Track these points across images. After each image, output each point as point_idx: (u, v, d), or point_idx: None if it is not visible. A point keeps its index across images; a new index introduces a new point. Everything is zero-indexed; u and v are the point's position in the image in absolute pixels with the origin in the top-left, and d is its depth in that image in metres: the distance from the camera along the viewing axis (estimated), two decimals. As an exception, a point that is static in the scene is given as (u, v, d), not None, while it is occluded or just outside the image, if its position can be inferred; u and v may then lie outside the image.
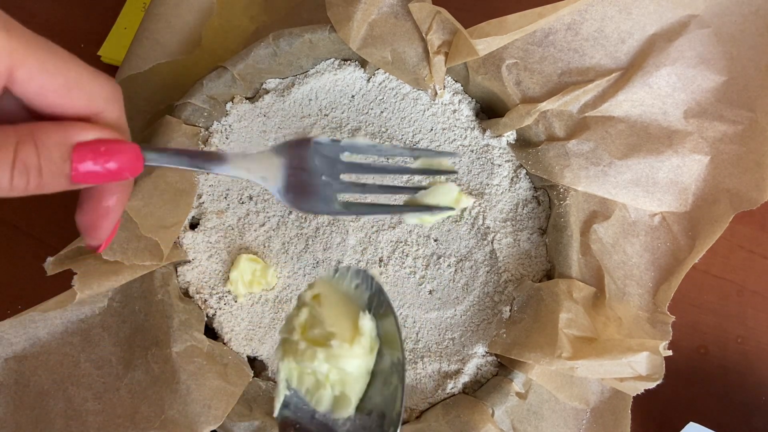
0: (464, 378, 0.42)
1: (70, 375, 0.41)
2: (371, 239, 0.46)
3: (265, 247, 0.46)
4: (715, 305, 0.47)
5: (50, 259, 0.40)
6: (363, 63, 0.48)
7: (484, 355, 0.43)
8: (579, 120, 0.45)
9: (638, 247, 0.44)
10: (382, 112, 0.48)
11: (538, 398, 0.41)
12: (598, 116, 0.45)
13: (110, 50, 0.57)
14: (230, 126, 0.48)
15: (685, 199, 0.44)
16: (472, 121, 0.48)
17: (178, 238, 0.45)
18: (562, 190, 0.44)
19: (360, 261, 0.45)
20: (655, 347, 0.38)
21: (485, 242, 0.45)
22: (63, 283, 0.39)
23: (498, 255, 0.45)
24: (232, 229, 0.47)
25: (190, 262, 0.45)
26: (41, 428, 0.40)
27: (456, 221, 0.46)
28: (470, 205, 0.33)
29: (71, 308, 0.42)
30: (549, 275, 0.44)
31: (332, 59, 0.49)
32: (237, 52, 0.47)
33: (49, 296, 0.40)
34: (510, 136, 0.47)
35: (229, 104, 0.49)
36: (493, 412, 0.40)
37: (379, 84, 0.48)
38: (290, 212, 0.47)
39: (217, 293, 0.45)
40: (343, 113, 0.49)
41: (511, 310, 0.43)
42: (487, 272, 0.45)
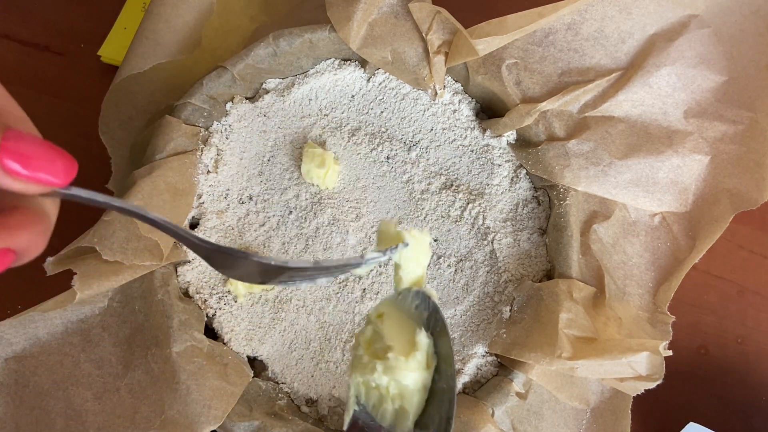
0: (464, 378, 0.42)
1: (70, 375, 0.41)
2: (371, 239, 0.46)
3: (265, 247, 0.46)
4: (715, 305, 0.47)
5: (50, 259, 0.40)
6: (363, 63, 0.48)
7: (484, 355, 0.43)
8: (579, 120, 0.45)
9: (638, 247, 0.44)
10: (382, 112, 0.48)
11: (538, 398, 0.41)
12: (598, 116, 0.45)
13: (110, 50, 0.57)
14: (230, 126, 0.48)
15: (685, 199, 0.44)
16: (472, 121, 0.48)
17: (178, 238, 0.45)
18: (562, 190, 0.44)
19: (360, 261, 0.45)
20: (655, 347, 0.38)
21: (485, 242, 0.45)
22: (63, 283, 0.39)
23: (498, 255, 0.45)
24: (232, 229, 0.47)
25: (190, 262, 0.45)
26: (41, 428, 0.40)
27: (456, 221, 0.46)
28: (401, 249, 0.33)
29: (71, 308, 0.42)
30: (549, 275, 0.44)
31: (332, 59, 0.49)
32: (237, 52, 0.47)
33: (49, 296, 0.40)
34: (510, 136, 0.47)
35: (229, 104, 0.49)
36: (493, 412, 0.40)
37: (379, 84, 0.48)
38: (290, 212, 0.47)
39: (217, 293, 0.45)
40: (343, 113, 0.49)
41: (511, 310, 0.43)
42: (487, 272, 0.45)
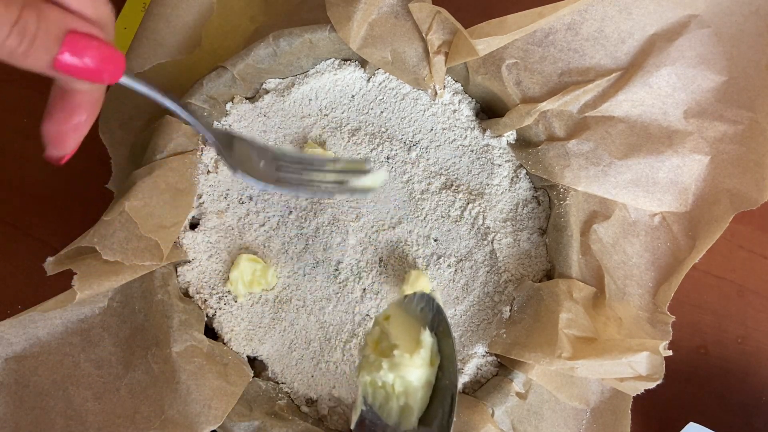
0: (464, 378, 0.42)
1: (70, 375, 0.41)
2: (371, 239, 0.46)
3: (265, 247, 0.46)
4: (715, 305, 0.47)
5: (50, 259, 0.40)
6: (363, 63, 0.48)
7: (484, 355, 0.43)
8: (579, 120, 0.45)
9: (638, 247, 0.44)
10: (382, 112, 0.48)
11: (538, 398, 0.41)
12: (598, 116, 0.45)
13: (110, 50, 0.57)
14: (230, 126, 0.48)
15: (685, 199, 0.44)
16: (472, 121, 0.48)
17: (178, 238, 0.45)
18: (562, 190, 0.44)
19: (360, 261, 0.45)
20: (655, 347, 0.38)
21: (485, 242, 0.45)
22: (63, 283, 0.39)
23: (498, 255, 0.45)
24: (232, 229, 0.47)
25: (190, 262, 0.45)
26: (41, 428, 0.40)
27: (456, 221, 0.46)
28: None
29: (71, 308, 0.42)
30: (549, 275, 0.44)
31: (332, 59, 0.49)
32: (237, 52, 0.47)
33: (49, 296, 0.40)
34: (510, 136, 0.47)
35: (229, 104, 0.49)
36: (493, 412, 0.40)
37: (379, 84, 0.48)
38: (290, 212, 0.47)
39: (217, 293, 0.45)
40: (343, 113, 0.49)
41: (511, 310, 0.43)
42: (487, 272, 0.45)
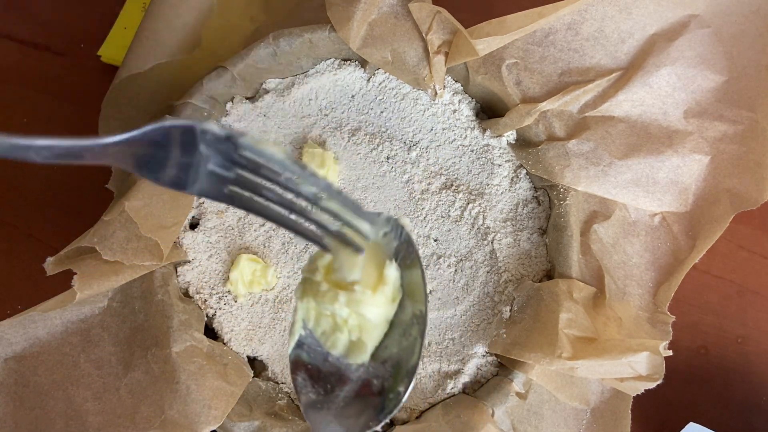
0: (464, 378, 0.42)
1: (69, 375, 0.41)
2: (371, 239, 0.46)
3: (265, 247, 0.46)
4: (715, 305, 0.47)
5: (50, 259, 0.40)
6: (363, 63, 0.48)
7: (484, 355, 0.43)
8: (579, 120, 0.45)
9: (638, 247, 0.44)
10: (382, 112, 0.48)
11: (538, 398, 0.41)
12: (598, 116, 0.45)
13: (110, 50, 0.57)
14: (230, 126, 0.48)
15: (685, 199, 0.44)
16: (472, 121, 0.48)
17: (178, 238, 0.45)
18: (562, 190, 0.44)
19: (360, 261, 0.45)
20: (655, 347, 0.38)
21: (485, 242, 0.45)
22: (63, 283, 0.39)
23: (498, 255, 0.45)
24: (232, 229, 0.47)
25: (190, 262, 0.45)
26: (41, 428, 0.40)
27: (456, 221, 0.46)
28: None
29: (71, 308, 0.42)
30: (549, 275, 0.44)
31: (332, 59, 0.49)
32: (237, 52, 0.47)
33: (49, 296, 0.40)
34: (510, 136, 0.47)
35: (229, 104, 0.49)
36: (493, 412, 0.40)
37: (379, 84, 0.48)
38: (290, 212, 0.47)
39: (217, 293, 0.45)
40: (343, 113, 0.49)
41: (511, 310, 0.43)
42: (487, 272, 0.45)
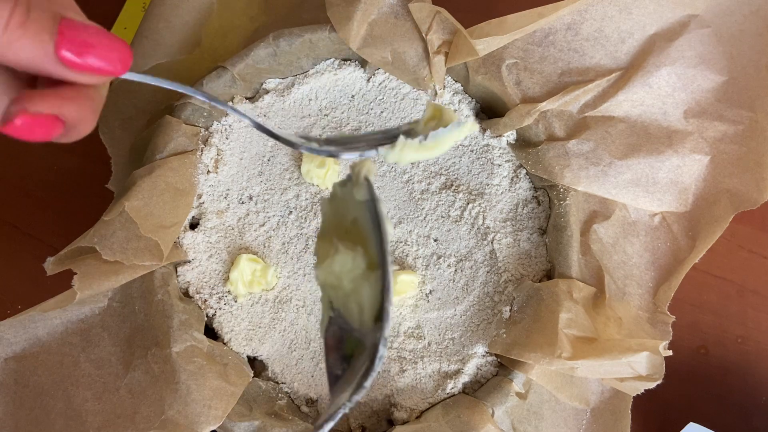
0: (464, 378, 0.42)
1: (69, 375, 0.41)
2: (371, 239, 0.46)
3: (265, 247, 0.46)
4: (715, 305, 0.47)
5: (50, 259, 0.40)
6: (363, 63, 0.48)
7: (484, 355, 0.43)
8: (579, 120, 0.45)
9: (638, 247, 0.44)
10: (382, 112, 0.48)
11: (538, 398, 0.41)
12: (598, 116, 0.45)
13: (110, 50, 0.57)
14: (230, 126, 0.48)
15: (685, 199, 0.44)
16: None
17: (178, 238, 0.45)
18: (562, 190, 0.44)
19: (360, 261, 0.45)
20: (655, 347, 0.38)
21: (485, 242, 0.45)
22: (63, 283, 0.39)
23: (498, 255, 0.45)
24: (232, 229, 0.47)
25: (190, 262, 0.45)
26: (41, 428, 0.40)
27: (456, 221, 0.46)
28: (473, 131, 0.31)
29: (71, 308, 0.42)
30: (549, 275, 0.44)
31: (332, 59, 0.49)
32: (237, 52, 0.47)
33: (49, 296, 0.40)
34: (510, 136, 0.47)
35: (229, 104, 0.49)
36: (493, 412, 0.40)
37: (379, 84, 0.48)
38: (290, 212, 0.47)
39: (217, 293, 0.45)
40: (343, 113, 0.49)
41: (511, 310, 0.43)
42: (487, 272, 0.45)
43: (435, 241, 0.46)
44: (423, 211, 0.46)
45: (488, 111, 0.49)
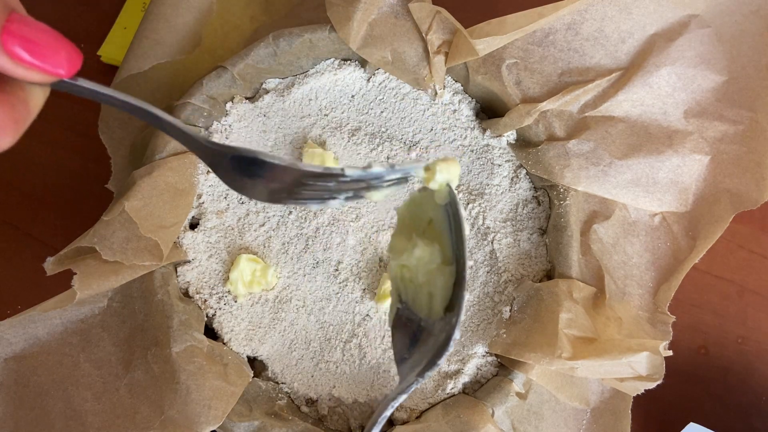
0: (464, 378, 0.42)
1: (69, 375, 0.41)
2: (371, 239, 0.46)
3: (265, 247, 0.46)
4: (715, 305, 0.47)
5: (50, 259, 0.40)
6: (363, 63, 0.48)
7: (484, 355, 0.43)
8: (579, 120, 0.45)
9: (638, 247, 0.44)
10: (382, 112, 0.48)
11: (538, 398, 0.41)
12: (598, 116, 0.45)
13: (110, 50, 0.57)
14: (230, 126, 0.48)
15: (685, 199, 0.44)
16: (472, 121, 0.48)
17: (178, 238, 0.45)
18: (562, 190, 0.44)
19: (360, 261, 0.45)
20: (655, 347, 0.38)
21: (485, 242, 0.45)
22: (63, 283, 0.39)
23: (498, 255, 0.45)
24: (232, 229, 0.47)
25: (190, 262, 0.45)
26: (41, 428, 0.40)
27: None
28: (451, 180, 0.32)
29: (71, 308, 0.42)
30: (549, 275, 0.44)
31: (332, 59, 0.49)
32: (237, 52, 0.47)
33: (49, 296, 0.40)
34: (510, 136, 0.47)
35: (229, 104, 0.49)
36: (493, 412, 0.40)
37: (379, 84, 0.48)
38: (290, 212, 0.47)
39: (217, 293, 0.45)
40: (343, 113, 0.49)
41: (511, 310, 0.43)
42: (487, 272, 0.45)
43: (435, 241, 0.46)
44: (423, 211, 0.46)
45: (488, 111, 0.49)
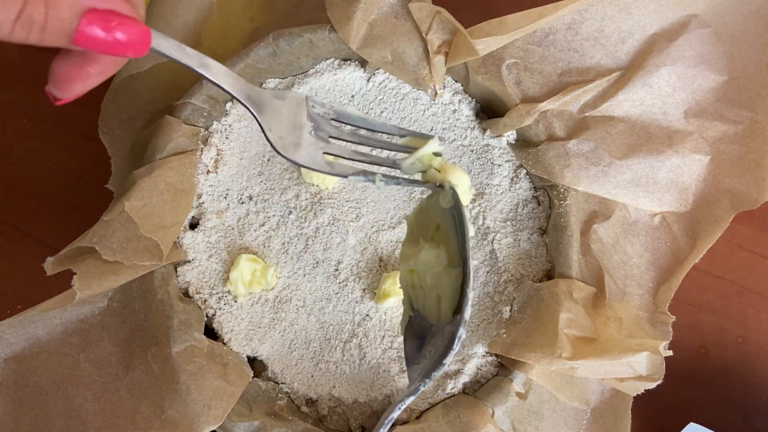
0: (464, 378, 0.42)
1: (69, 375, 0.41)
2: (371, 239, 0.46)
3: (265, 247, 0.46)
4: (715, 305, 0.47)
5: (50, 259, 0.40)
6: (363, 63, 0.48)
7: (484, 355, 0.43)
8: (579, 120, 0.45)
9: (638, 247, 0.44)
10: (382, 112, 0.48)
11: (538, 398, 0.41)
12: (598, 116, 0.45)
13: (110, 50, 0.57)
14: (230, 126, 0.48)
15: (685, 199, 0.44)
16: (472, 121, 0.48)
17: (178, 238, 0.45)
18: (562, 190, 0.44)
19: (360, 261, 0.45)
20: (655, 347, 0.38)
21: (485, 242, 0.45)
22: (63, 283, 0.39)
23: (498, 255, 0.45)
24: (232, 229, 0.47)
25: (190, 262, 0.45)
26: (41, 428, 0.40)
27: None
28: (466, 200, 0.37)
29: (71, 308, 0.42)
30: (549, 275, 0.44)
31: (332, 59, 0.49)
32: (237, 52, 0.47)
33: (49, 296, 0.40)
34: (510, 136, 0.47)
35: (229, 104, 0.49)
36: (493, 412, 0.40)
37: (379, 84, 0.48)
38: (290, 212, 0.47)
39: (216, 293, 0.45)
40: (343, 113, 0.49)
41: (511, 310, 0.43)
42: (487, 272, 0.45)
43: (435, 241, 0.46)
44: (423, 211, 0.46)
45: (488, 111, 0.49)
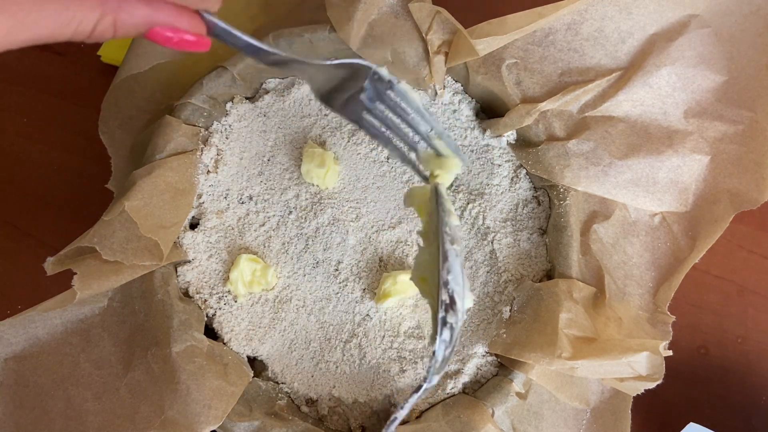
0: (464, 378, 0.42)
1: (69, 375, 0.41)
2: (371, 239, 0.46)
3: (265, 247, 0.46)
4: (715, 305, 0.47)
5: (50, 259, 0.40)
6: (363, 63, 0.48)
7: (484, 355, 0.43)
8: (579, 120, 0.45)
9: (638, 247, 0.44)
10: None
11: (538, 398, 0.41)
12: (598, 116, 0.45)
13: (110, 50, 0.57)
14: (230, 126, 0.48)
15: (685, 199, 0.44)
16: (472, 121, 0.48)
17: (178, 238, 0.45)
18: (562, 190, 0.44)
19: (360, 261, 0.45)
20: (655, 347, 0.38)
21: (485, 242, 0.45)
22: (63, 283, 0.39)
23: (498, 255, 0.45)
24: (232, 229, 0.47)
25: (190, 262, 0.45)
26: (41, 428, 0.40)
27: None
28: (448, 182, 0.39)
29: (71, 308, 0.42)
30: (549, 275, 0.44)
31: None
32: (237, 52, 0.47)
33: (49, 296, 0.40)
34: (510, 136, 0.47)
35: (229, 104, 0.49)
36: (493, 412, 0.40)
37: (379, 84, 0.48)
38: (290, 212, 0.47)
39: (217, 293, 0.45)
40: (343, 113, 0.49)
41: (511, 310, 0.43)
42: (487, 272, 0.45)
43: (435, 241, 0.46)
44: (423, 211, 0.46)
45: (488, 111, 0.49)
